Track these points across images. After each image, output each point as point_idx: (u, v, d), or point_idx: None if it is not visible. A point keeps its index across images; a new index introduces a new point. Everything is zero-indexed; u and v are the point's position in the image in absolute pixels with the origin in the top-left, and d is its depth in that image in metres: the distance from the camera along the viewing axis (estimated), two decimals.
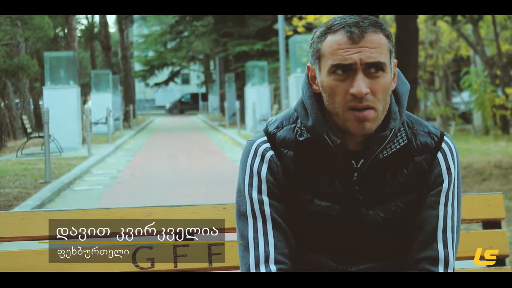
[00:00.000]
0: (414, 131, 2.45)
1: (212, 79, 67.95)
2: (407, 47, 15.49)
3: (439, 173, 2.43)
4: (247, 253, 2.39)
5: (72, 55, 25.13)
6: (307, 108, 2.41)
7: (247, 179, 2.43)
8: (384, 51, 2.31)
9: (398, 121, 2.38)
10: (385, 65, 2.31)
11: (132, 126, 43.32)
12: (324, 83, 2.34)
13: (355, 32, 2.29)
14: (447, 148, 2.46)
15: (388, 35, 2.35)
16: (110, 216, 2.85)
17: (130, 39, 62.52)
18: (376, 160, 2.38)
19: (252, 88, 33.25)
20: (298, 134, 2.42)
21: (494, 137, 23.65)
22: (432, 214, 2.42)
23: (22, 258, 2.80)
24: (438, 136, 2.46)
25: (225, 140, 30.20)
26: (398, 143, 2.40)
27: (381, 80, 2.30)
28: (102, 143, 27.17)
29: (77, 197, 13.03)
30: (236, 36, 42.92)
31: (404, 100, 2.42)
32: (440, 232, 2.42)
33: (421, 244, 2.42)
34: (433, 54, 31.11)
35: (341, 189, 2.39)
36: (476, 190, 11.25)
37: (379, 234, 2.42)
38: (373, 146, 2.36)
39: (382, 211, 2.41)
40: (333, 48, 2.31)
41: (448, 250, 2.42)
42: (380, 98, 2.30)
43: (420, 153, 2.43)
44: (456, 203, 2.46)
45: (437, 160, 2.44)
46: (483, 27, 27.70)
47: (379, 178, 2.40)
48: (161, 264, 2.80)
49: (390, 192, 2.41)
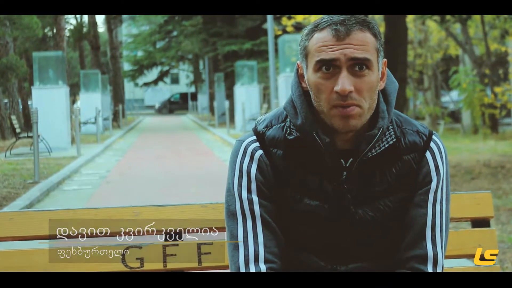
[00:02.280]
0: (403, 130, 2.45)
1: (202, 79, 67.88)
2: (396, 46, 15.53)
3: (428, 172, 2.44)
4: (237, 252, 2.39)
5: (61, 55, 25.06)
6: (296, 106, 2.41)
7: (236, 179, 2.43)
8: (370, 49, 2.31)
9: (386, 120, 2.38)
10: (371, 62, 2.30)
11: (121, 126, 43.24)
12: (310, 81, 2.34)
13: (341, 30, 2.29)
14: (436, 147, 2.46)
15: (376, 34, 2.34)
16: (99, 216, 2.85)
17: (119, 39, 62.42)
18: (364, 159, 2.38)
19: (241, 88, 33.24)
20: (287, 133, 2.42)
21: (483, 136, 23.73)
22: (420, 213, 2.43)
23: (11, 258, 2.79)
24: (426, 135, 2.46)
25: (215, 139, 30.18)
26: (387, 141, 2.40)
27: (366, 79, 2.30)
28: (91, 143, 27.11)
29: (66, 197, 13.00)
30: (225, 36, 42.92)
31: (392, 99, 2.42)
32: (429, 230, 2.42)
33: (410, 243, 2.42)
34: (422, 53, 31.17)
35: (330, 188, 2.39)
36: (465, 189, 11.28)
37: (368, 233, 2.42)
38: (362, 144, 2.36)
39: (370, 210, 2.41)
40: (318, 45, 2.32)
41: (437, 249, 2.42)
42: (365, 96, 2.30)
43: (408, 152, 2.43)
44: (445, 202, 2.46)
45: (426, 159, 2.44)
46: (471, 26, 27.78)
47: (368, 177, 2.40)
48: (150, 264, 2.80)
49: (379, 191, 2.41)
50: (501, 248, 6.58)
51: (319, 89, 2.31)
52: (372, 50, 2.32)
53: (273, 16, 27.15)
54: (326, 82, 2.30)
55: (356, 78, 2.29)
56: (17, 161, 19.10)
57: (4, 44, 29.77)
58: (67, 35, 43.50)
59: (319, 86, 2.31)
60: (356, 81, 2.28)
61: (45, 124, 21.75)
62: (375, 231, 2.43)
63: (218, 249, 2.82)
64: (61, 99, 23.53)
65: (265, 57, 38.51)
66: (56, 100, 23.37)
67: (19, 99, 34.01)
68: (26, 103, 35.41)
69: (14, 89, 32.36)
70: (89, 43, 48.34)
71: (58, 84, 23.92)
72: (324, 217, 2.40)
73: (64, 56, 25.95)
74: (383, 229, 2.43)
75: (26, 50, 36.53)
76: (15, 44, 31.89)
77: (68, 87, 24.61)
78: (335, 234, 2.42)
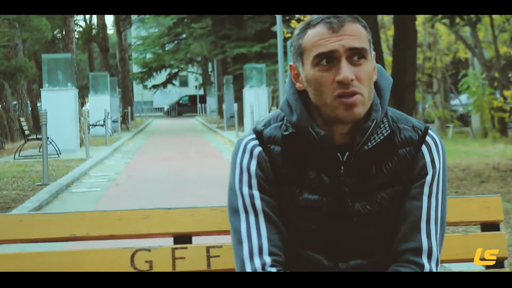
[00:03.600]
0: (399, 125, 2.47)
1: (210, 81, 68.00)
2: (405, 49, 15.50)
3: (424, 165, 2.45)
4: (241, 246, 2.41)
5: (70, 57, 25.11)
6: (291, 105, 2.45)
7: (237, 176, 2.48)
8: (364, 39, 2.36)
9: (379, 113, 2.41)
10: (367, 52, 2.36)
11: (130, 128, 43.31)
12: (309, 77, 2.37)
13: (334, 22, 2.34)
14: (432, 141, 2.48)
15: (366, 27, 2.40)
16: (108, 219, 2.84)
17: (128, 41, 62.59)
18: (360, 152, 2.40)
19: (250, 90, 33.25)
20: (283, 130, 2.46)
21: (492, 140, 23.68)
22: (415, 205, 2.44)
23: (20, 261, 2.79)
24: (422, 130, 2.49)
25: (223, 142, 30.21)
26: (382, 133, 2.43)
27: (364, 67, 2.34)
28: (100, 145, 27.16)
29: (75, 199, 13.02)
30: (234, 38, 42.98)
31: (386, 93, 2.46)
32: (424, 223, 2.43)
33: (404, 236, 2.43)
34: (431, 56, 31.15)
35: (328, 182, 2.42)
36: (474, 193, 11.25)
37: (366, 226, 2.44)
38: (357, 137, 2.39)
39: (368, 203, 2.43)
40: (314, 40, 2.35)
41: (432, 241, 2.42)
42: (365, 84, 2.34)
43: (404, 146, 2.45)
44: (441, 195, 2.47)
45: (421, 153, 2.46)
46: (481, 29, 27.75)
47: (364, 170, 2.42)
48: (159, 267, 2.79)
49: (376, 184, 2.43)
50: (511, 252, 6.55)
51: (320, 82, 2.34)
52: (365, 40, 2.37)
53: (282, 19, 27.17)
54: (326, 74, 2.33)
55: (355, 67, 2.33)
56: (26, 163, 19.16)
57: (13, 46, 29.88)
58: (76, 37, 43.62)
59: (320, 79, 2.34)
60: (356, 69, 2.33)
61: (54, 126, 21.78)
62: (373, 225, 2.44)
63: (227, 252, 2.81)
64: (70, 101, 23.57)
65: (274, 59, 38.54)
66: (65, 102, 23.41)
67: (28, 101, 34.13)
68: (35, 105, 35.52)
69: (23, 91, 32.48)
70: (98, 45, 48.50)
71: (67, 86, 23.95)
72: (323, 211, 2.42)
73: (73, 58, 26.00)
74: (381, 222, 2.44)
75: (35, 52, 36.64)
76: (24, 46, 32.00)
77: (77, 89, 24.65)
78: (334, 229, 2.43)
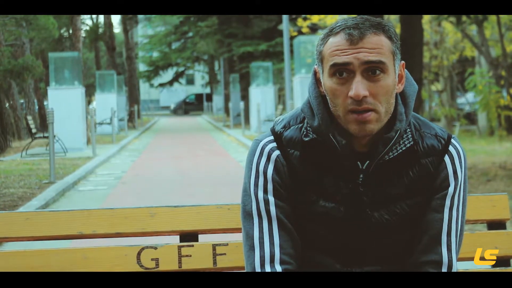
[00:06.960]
0: (421, 133, 2.43)
1: (217, 80, 67.94)
2: (411, 48, 15.48)
3: (446, 177, 2.42)
4: (253, 253, 2.39)
5: (76, 56, 25.13)
6: (313, 108, 2.40)
7: (253, 179, 2.43)
8: (384, 52, 2.29)
9: (404, 122, 2.37)
10: (386, 66, 2.29)
11: (136, 126, 43.33)
12: (326, 86, 2.34)
13: (354, 34, 2.28)
14: (455, 151, 2.45)
15: (391, 37, 2.33)
16: (115, 217, 2.85)
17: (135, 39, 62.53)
18: (381, 162, 2.37)
19: (256, 89, 33.23)
20: (304, 135, 2.41)
21: (499, 138, 23.62)
22: (437, 218, 2.41)
23: (27, 258, 2.80)
24: (445, 139, 2.45)
25: (230, 140, 30.19)
26: (404, 144, 2.39)
27: (382, 83, 2.28)
28: (106, 144, 27.18)
29: (81, 198, 13.03)
30: (241, 37, 42.93)
31: (411, 102, 2.41)
32: (445, 236, 2.41)
33: (425, 248, 2.41)
34: (438, 54, 31.07)
35: (346, 190, 2.38)
36: (481, 191, 11.23)
37: (384, 236, 2.41)
38: (379, 147, 2.35)
39: (387, 213, 2.40)
40: (332, 50, 2.32)
41: (452, 254, 2.41)
42: (381, 100, 2.28)
43: (426, 155, 2.42)
44: (461, 207, 2.45)
45: (444, 163, 2.43)
46: (487, 28, 27.67)
47: (384, 180, 2.39)
48: (165, 265, 2.80)
49: (396, 194, 2.40)
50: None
51: (335, 94, 2.31)
52: (387, 53, 2.30)
53: (288, 17, 27.14)
54: (341, 87, 2.29)
55: (371, 82, 2.28)
56: (33, 161, 19.18)
57: (20, 45, 29.90)
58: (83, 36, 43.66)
59: (334, 91, 2.31)
60: (371, 85, 2.27)
61: (61, 125, 21.82)
62: (391, 234, 2.41)
63: (233, 250, 2.81)
64: (77, 99, 23.60)
65: (281, 58, 38.49)
66: (72, 100, 23.44)
67: (35, 100, 34.14)
68: (42, 103, 35.53)
69: (30, 90, 32.49)
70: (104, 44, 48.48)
71: (74, 85, 23.98)
72: (340, 219, 2.39)
73: (80, 57, 26.02)
74: (399, 232, 2.42)
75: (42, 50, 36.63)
76: (31, 44, 32.02)
77: (83, 88, 24.67)
78: (351, 236, 2.41)
